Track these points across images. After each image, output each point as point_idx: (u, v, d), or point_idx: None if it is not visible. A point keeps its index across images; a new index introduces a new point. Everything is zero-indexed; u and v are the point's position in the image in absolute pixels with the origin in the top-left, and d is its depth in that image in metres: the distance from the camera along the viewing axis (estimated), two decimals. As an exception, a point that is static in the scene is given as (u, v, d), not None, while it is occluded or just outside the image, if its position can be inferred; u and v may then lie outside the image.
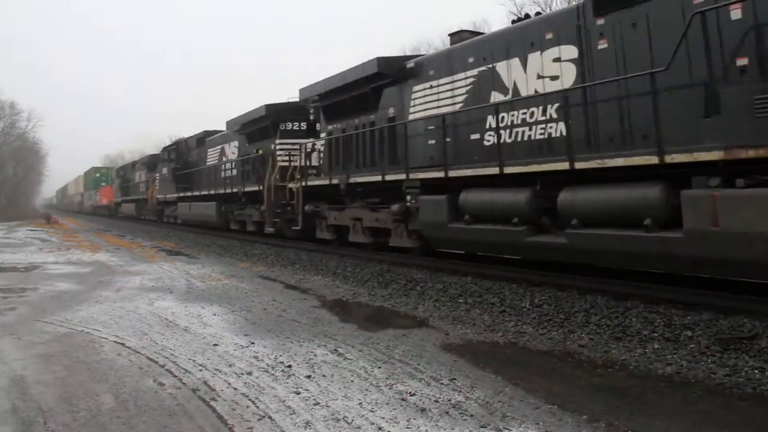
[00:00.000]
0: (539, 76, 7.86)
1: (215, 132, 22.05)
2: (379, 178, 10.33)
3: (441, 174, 8.73)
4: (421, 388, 4.08)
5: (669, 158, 5.85)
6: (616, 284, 7.00)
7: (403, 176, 9.67)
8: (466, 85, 8.98)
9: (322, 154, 13.37)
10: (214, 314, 6.76)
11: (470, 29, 11.93)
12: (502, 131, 8.13)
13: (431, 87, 9.68)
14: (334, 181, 11.89)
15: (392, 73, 10.60)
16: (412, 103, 10.15)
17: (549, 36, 7.74)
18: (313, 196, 13.04)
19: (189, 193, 22.37)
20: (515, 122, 8.08)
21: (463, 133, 8.97)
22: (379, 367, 4.57)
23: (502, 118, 8.17)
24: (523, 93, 8.03)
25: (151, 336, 5.72)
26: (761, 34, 5.60)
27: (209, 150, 21.63)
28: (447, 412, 3.62)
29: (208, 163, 21.42)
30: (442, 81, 9.48)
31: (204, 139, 22.80)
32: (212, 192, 19.61)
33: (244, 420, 3.52)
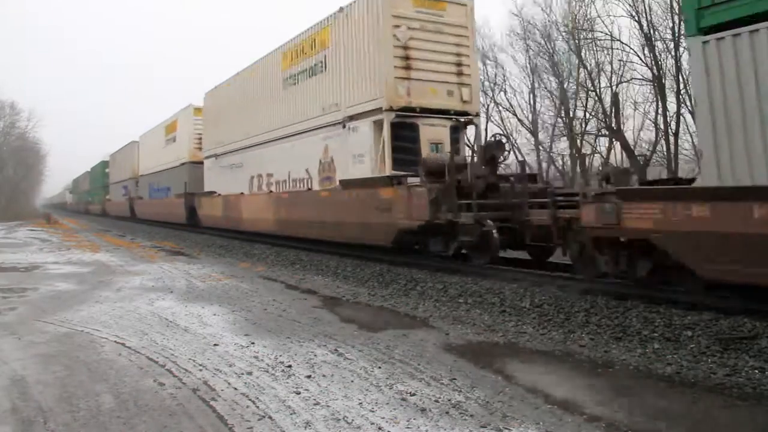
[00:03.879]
0: None
1: None
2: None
3: None
4: (421, 388, 4.08)
5: None
6: (616, 284, 7.00)
7: None
8: None
9: None
10: (215, 314, 6.76)
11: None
12: None
13: None
14: None
15: None
16: None
17: None
18: None
19: None
20: None
21: None
22: (379, 367, 4.57)
23: None
24: None
25: (152, 336, 5.72)
26: None
27: None
28: (447, 412, 3.62)
29: None
30: None
31: None
32: None
33: (244, 420, 3.52)
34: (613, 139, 22.76)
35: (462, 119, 11.10)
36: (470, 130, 11.75)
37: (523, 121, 29.17)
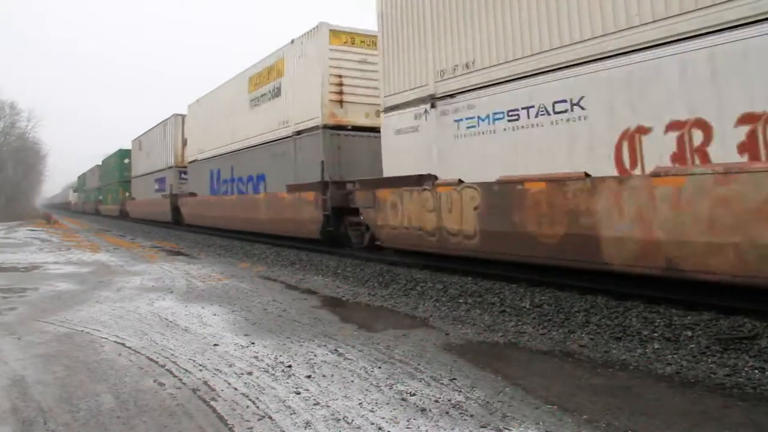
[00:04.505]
0: None
1: None
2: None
3: None
4: (421, 388, 4.08)
5: None
6: (616, 284, 7.00)
7: None
8: None
9: None
10: (215, 314, 6.76)
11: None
12: None
13: None
14: None
15: None
16: None
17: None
18: None
19: None
20: None
21: None
22: (380, 367, 4.57)
23: None
24: None
25: (152, 336, 5.72)
26: None
27: None
28: (447, 412, 3.62)
29: None
30: None
31: None
32: None
33: (244, 420, 3.52)
34: None
35: None
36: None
37: None
